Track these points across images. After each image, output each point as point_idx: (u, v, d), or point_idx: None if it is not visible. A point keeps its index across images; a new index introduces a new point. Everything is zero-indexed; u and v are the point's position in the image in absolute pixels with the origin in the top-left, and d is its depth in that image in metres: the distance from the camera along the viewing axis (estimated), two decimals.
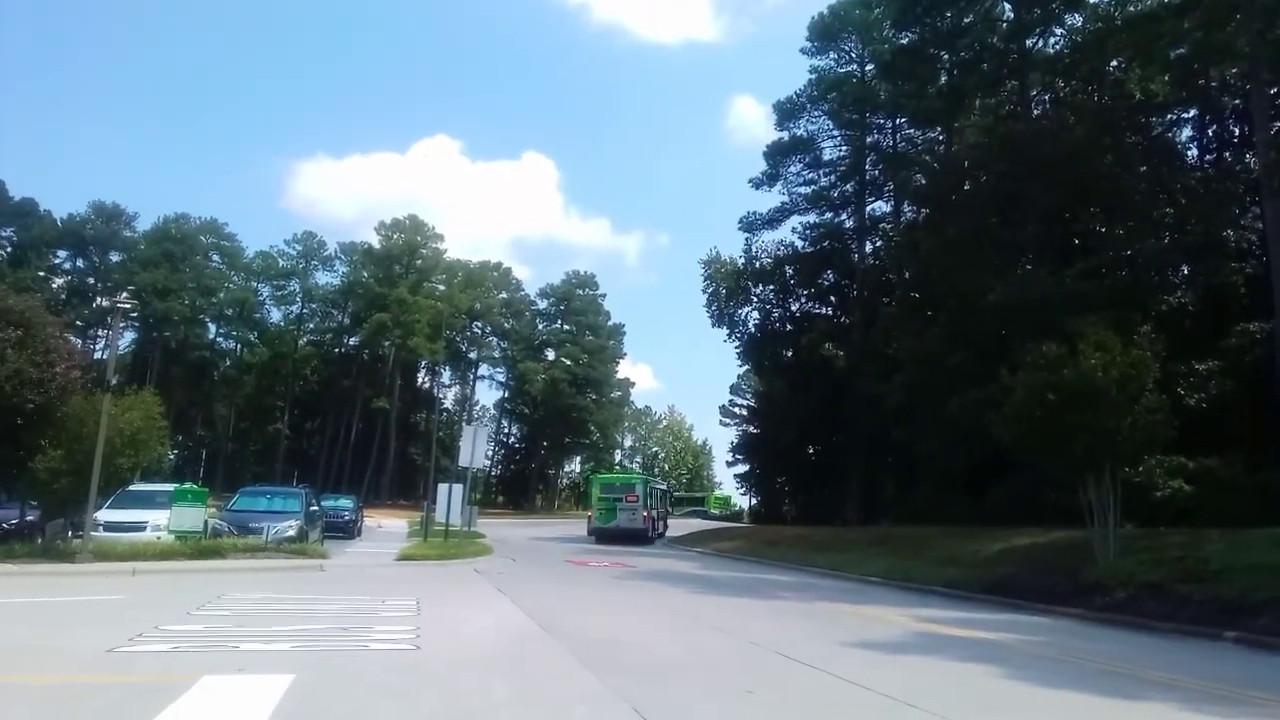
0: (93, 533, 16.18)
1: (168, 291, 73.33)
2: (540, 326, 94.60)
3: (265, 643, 8.43)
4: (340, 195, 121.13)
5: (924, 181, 40.19)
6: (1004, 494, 25.92)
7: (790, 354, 48.72)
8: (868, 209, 46.68)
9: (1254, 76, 23.80)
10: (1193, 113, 31.79)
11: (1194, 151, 33.23)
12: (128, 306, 19.14)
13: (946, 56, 36.28)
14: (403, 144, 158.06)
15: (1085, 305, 21.88)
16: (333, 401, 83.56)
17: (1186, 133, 33.13)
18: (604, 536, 34.38)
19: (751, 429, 56.64)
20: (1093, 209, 30.37)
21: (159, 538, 17.51)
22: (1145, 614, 12.69)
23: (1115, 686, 7.79)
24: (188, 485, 20.61)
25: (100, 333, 73.60)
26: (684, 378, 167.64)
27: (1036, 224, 28.99)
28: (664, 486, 57.84)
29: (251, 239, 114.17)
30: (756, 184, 48.12)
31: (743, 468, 57.51)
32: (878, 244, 46.81)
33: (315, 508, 24.92)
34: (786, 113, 47.35)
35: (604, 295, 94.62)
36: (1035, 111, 33.49)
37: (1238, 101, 29.54)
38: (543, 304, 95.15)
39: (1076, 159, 27.13)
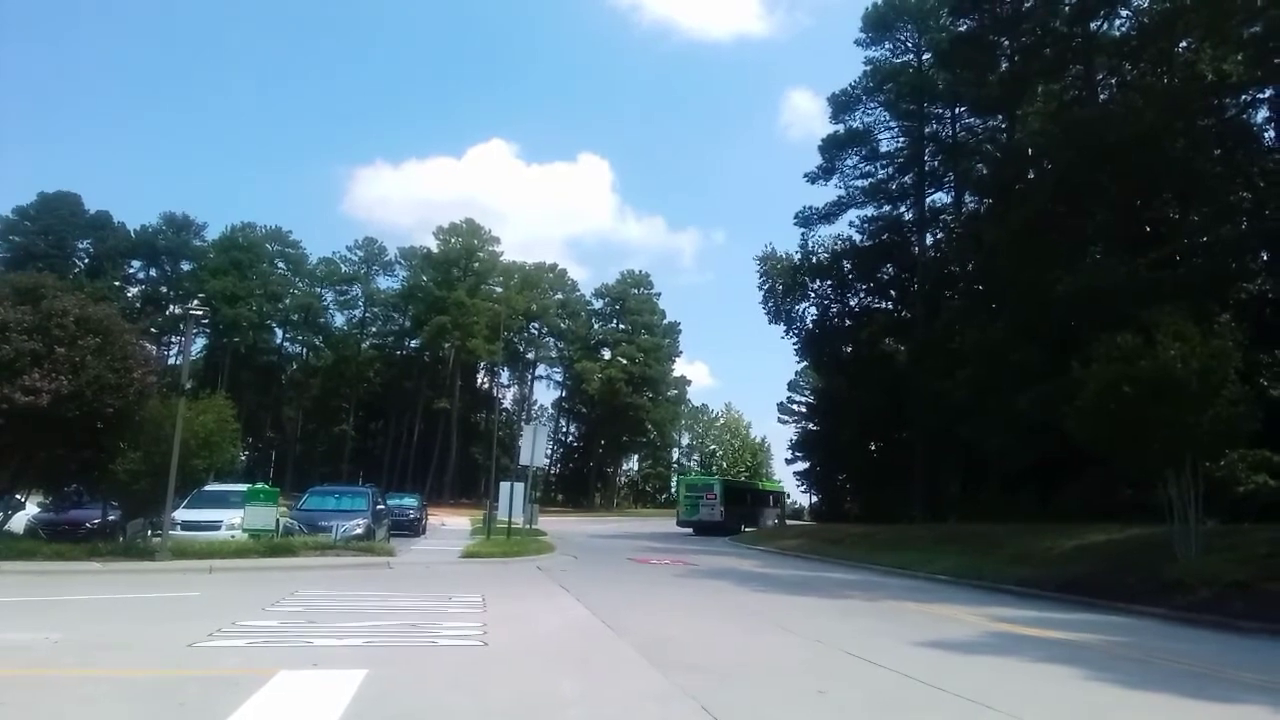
0: (171, 532, 16.71)
1: (236, 298, 75.66)
2: (596, 326, 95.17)
3: (338, 638, 8.57)
4: (399, 201, 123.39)
5: (986, 171, 39.28)
6: (1076, 491, 25.17)
7: (849, 349, 48.09)
8: (927, 200, 45.73)
9: None
10: (1269, 93, 30.32)
11: (1271, 133, 31.75)
12: (199, 313, 19.78)
13: (1007, 43, 35.35)
14: (458, 149, 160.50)
15: (1160, 295, 21.09)
16: (396, 403, 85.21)
17: (1263, 114, 31.56)
18: (689, 526, 42.82)
19: (811, 426, 56.02)
20: (1165, 195, 29.24)
21: (233, 536, 18.01)
22: (1232, 613, 12.15)
23: (1205, 689, 7.47)
24: (259, 485, 21.15)
25: (173, 339, 76.18)
26: (741, 375, 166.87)
27: (1105, 212, 28.06)
28: (780, 489, 59.99)
29: (314, 245, 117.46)
30: (812, 178, 47.59)
31: (802, 465, 56.87)
32: (939, 236, 45.91)
33: (381, 506, 25.37)
34: (841, 105, 46.71)
35: (659, 294, 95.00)
36: (1101, 96, 32.39)
37: None
38: (598, 304, 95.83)
39: (1146, 144, 26.14)
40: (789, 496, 56.53)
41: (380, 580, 14.67)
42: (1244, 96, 30.05)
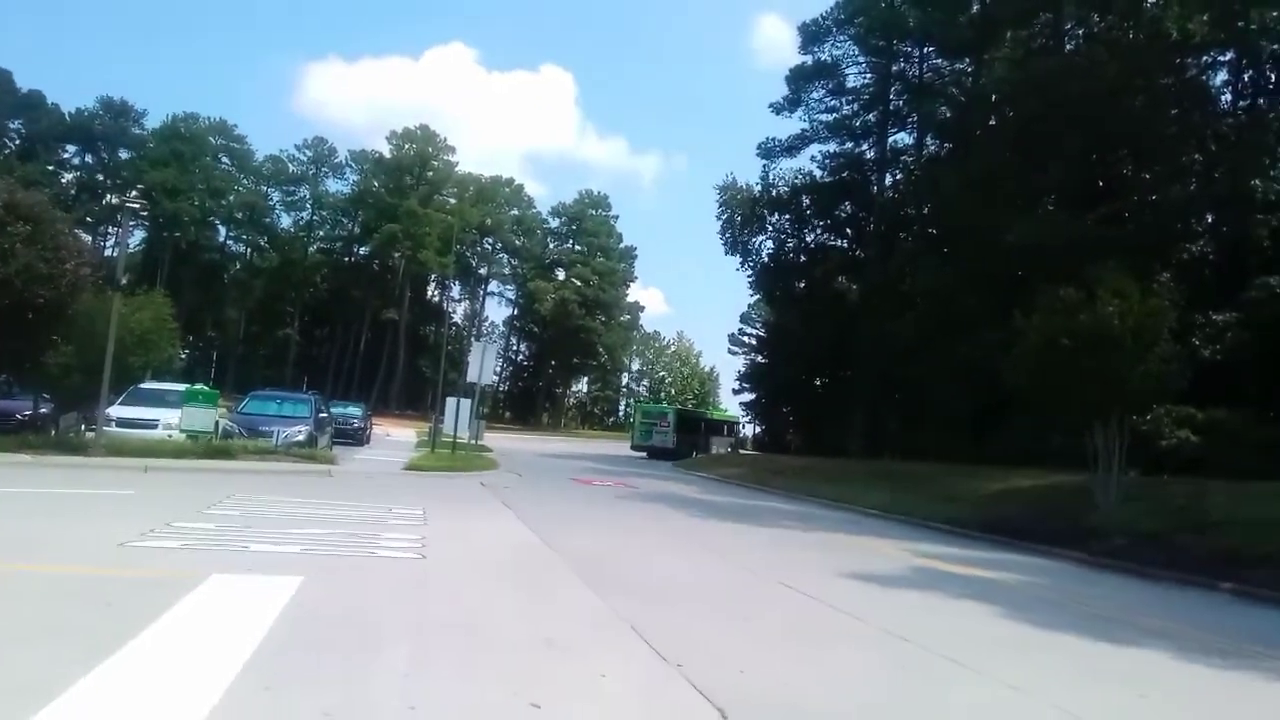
0: (105, 428, 16.37)
1: (177, 191, 72.98)
2: (551, 245, 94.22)
3: (274, 544, 8.56)
4: (351, 100, 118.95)
5: (949, 115, 39.18)
6: (1009, 436, 25.96)
7: (802, 285, 48.33)
8: (889, 140, 45.51)
9: None
10: (1229, 56, 30.57)
11: (1228, 97, 32.10)
12: (137, 205, 19.05)
13: None
14: (417, 49, 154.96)
15: (1106, 250, 21.54)
16: (342, 310, 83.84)
17: (1221, 76, 31.93)
18: (644, 450, 45.86)
19: (760, 358, 56.67)
20: (1121, 152, 29.57)
21: (170, 436, 17.75)
22: (1144, 561, 12.76)
23: (1109, 632, 7.87)
24: (199, 386, 20.78)
25: (110, 230, 73.49)
26: (695, 304, 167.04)
27: (1061, 164, 28.28)
28: (734, 418, 60.86)
29: (261, 142, 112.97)
30: (777, 109, 46.90)
31: (748, 396, 57.71)
32: (898, 177, 45.85)
33: (324, 414, 25.13)
34: (811, 35, 45.79)
35: (616, 217, 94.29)
36: (1068, 46, 32.34)
37: (1276, 47, 28.45)
38: (554, 223, 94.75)
39: (1107, 99, 26.30)
40: (741, 426, 57.33)
41: (320, 488, 14.61)
42: (1205, 57, 30.25)
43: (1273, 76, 30.49)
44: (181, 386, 20.75)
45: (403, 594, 6.88)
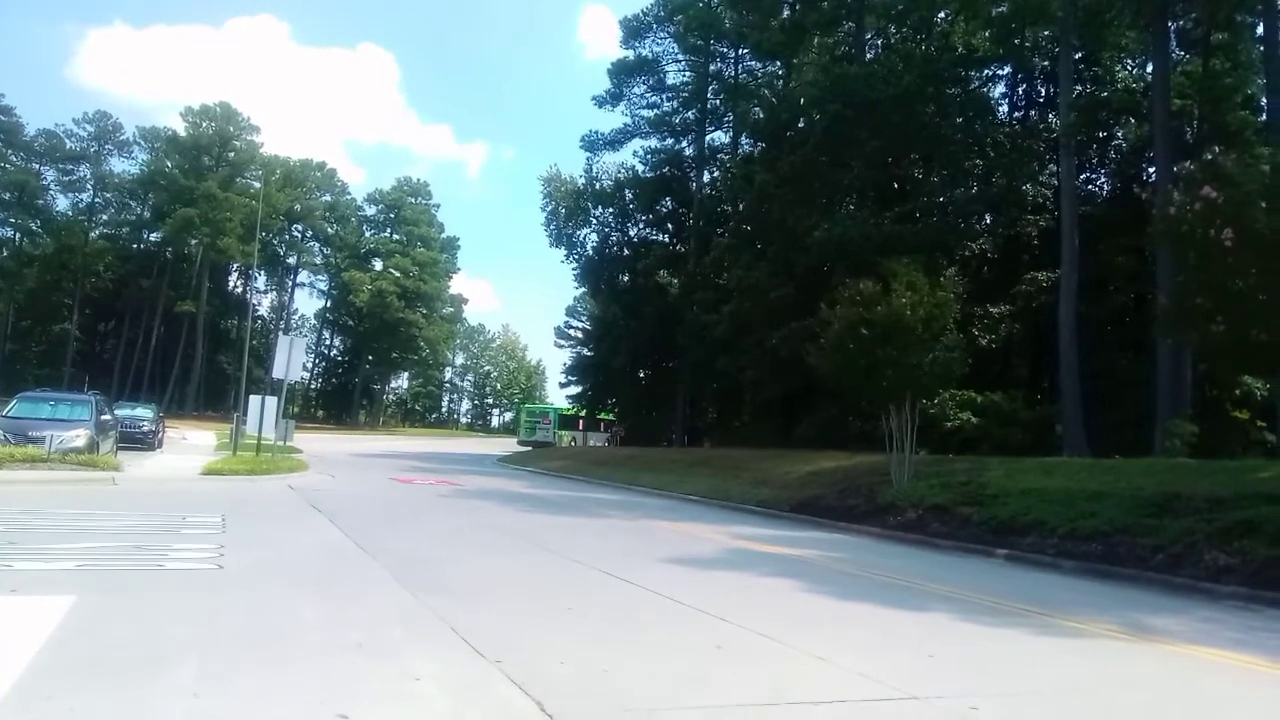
0: None
1: None
2: (368, 234, 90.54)
3: (44, 561, 7.69)
4: (141, 72, 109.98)
5: (762, 115, 40.93)
6: (815, 421, 27.58)
7: (626, 279, 49.06)
8: (707, 138, 47.13)
9: (1063, 40, 25.68)
10: (1007, 70, 33.95)
11: (1005, 108, 35.65)
12: None
13: None
14: (218, 18, 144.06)
15: (900, 247, 23.27)
16: (131, 302, 76.86)
17: (1000, 89, 35.47)
18: (529, 445, 51.46)
19: (585, 351, 56.98)
20: (913, 155, 32.05)
21: None
22: (931, 533, 13.96)
23: (902, 599, 8.52)
24: None
25: None
26: (524, 297, 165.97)
27: (862, 166, 30.28)
28: (610, 418, 61.31)
29: (32, 114, 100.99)
30: (600, 102, 47.46)
31: (575, 389, 57.99)
32: (715, 174, 47.48)
33: (108, 416, 22.89)
34: (633, 30, 46.56)
35: (438, 206, 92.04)
36: (869, 55, 34.63)
37: (1046, 63, 31.81)
38: (371, 210, 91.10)
39: (901, 106, 28.39)
40: (616, 425, 57.76)
41: (103, 498, 13.30)
42: (986, 71, 33.35)
43: (1043, 90, 34.07)
44: None
45: (195, 606, 6.36)
